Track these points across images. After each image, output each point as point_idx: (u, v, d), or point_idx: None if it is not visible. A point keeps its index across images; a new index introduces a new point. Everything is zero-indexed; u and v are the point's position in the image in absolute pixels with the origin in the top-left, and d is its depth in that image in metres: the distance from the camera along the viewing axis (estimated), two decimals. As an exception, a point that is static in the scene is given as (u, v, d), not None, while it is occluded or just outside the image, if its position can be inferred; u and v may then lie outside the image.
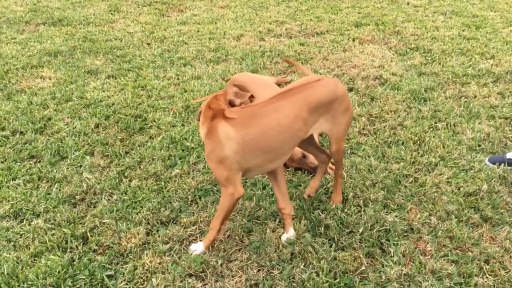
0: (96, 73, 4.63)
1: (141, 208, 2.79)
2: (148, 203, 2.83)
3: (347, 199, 2.83)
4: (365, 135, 3.55)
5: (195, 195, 2.92)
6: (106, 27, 5.97)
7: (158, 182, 3.03)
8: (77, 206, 2.84)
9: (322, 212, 2.72)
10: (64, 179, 3.06)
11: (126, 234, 2.59)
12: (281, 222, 2.67)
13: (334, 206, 2.74)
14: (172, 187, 2.98)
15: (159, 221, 2.71)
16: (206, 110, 2.30)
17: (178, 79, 4.50)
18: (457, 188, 2.94)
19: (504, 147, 3.38)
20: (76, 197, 2.91)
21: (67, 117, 3.80)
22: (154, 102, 4.03)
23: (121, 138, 3.51)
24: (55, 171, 3.13)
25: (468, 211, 2.73)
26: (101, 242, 2.56)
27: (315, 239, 2.55)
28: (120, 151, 3.35)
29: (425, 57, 4.92)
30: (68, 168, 3.18)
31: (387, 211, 2.75)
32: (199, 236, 2.61)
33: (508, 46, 5.16)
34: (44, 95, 4.14)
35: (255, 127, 2.18)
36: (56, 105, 3.98)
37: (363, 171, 3.08)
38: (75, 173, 3.12)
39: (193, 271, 2.36)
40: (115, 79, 4.51)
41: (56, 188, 2.97)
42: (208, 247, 2.47)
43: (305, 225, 2.64)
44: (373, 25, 5.92)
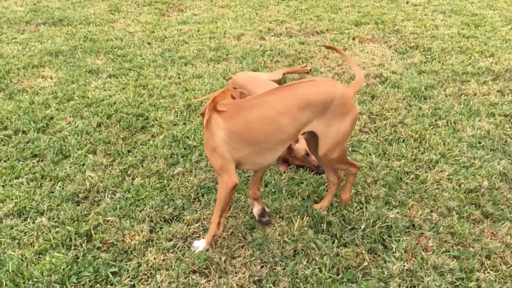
0: (97, 72, 4.65)
1: (144, 206, 2.81)
2: (151, 201, 2.85)
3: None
4: (366, 133, 3.57)
5: (197, 192, 2.93)
6: (107, 27, 5.97)
7: (161, 180, 3.05)
8: (80, 204, 2.85)
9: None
10: (67, 178, 3.08)
11: (129, 232, 2.61)
12: (283, 219, 2.70)
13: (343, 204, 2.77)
14: (175, 185, 2.99)
15: (162, 218, 2.72)
16: (210, 103, 2.40)
17: (179, 78, 4.51)
18: (458, 184, 2.96)
19: (504, 144, 3.41)
20: (80, 195, 2.92)
21: (69, 116, 3.82)
22: (156, 101, 4.04)
23: (123, 137, 3.52)
24: (58, 169, 3.15)
25: (469, 207, 2.76)
26: (105, 239, 2.58)
27: (317, 235, 2.57)
28: (123, 149, 3.36)
29: (425, 56, 4.94)
30: (71, 166, 3.19)
31: (388, 207, 2.77)
32: (202, 233, 2.63)
33: (507, 44, 5.19)
34: (46, 95, 4.16)
35: (240, 119, 2.30)
36: (58, 104, 3.99)
37: (364, 169, 3.10)
38: (78, 171, 3.14)
39: (197, 268, 2.38)
40: (116, 78, 4.52)
41: (59, 187, 2.99)
42: (210, 243, 2.49)
43: (307, 222, 2.66)
44: (373, 24, 5.93)
